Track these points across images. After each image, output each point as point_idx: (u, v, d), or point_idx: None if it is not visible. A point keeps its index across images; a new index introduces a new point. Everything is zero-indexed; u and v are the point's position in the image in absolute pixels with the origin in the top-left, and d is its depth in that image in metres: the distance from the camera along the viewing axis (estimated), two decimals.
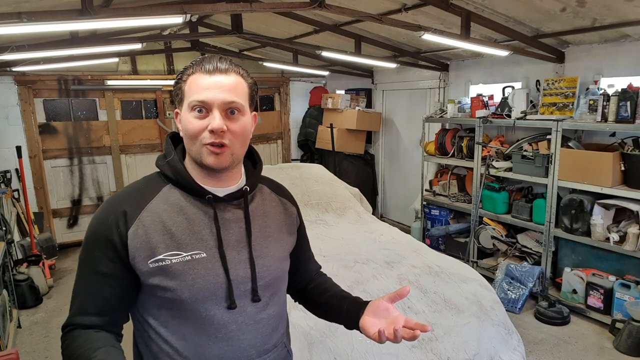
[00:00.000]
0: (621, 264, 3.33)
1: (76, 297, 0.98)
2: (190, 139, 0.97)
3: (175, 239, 0.97)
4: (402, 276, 2.58)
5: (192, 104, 0.95)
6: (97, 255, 0.96)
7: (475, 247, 4.31)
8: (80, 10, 2.28)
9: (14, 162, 4.83)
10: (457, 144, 4.51)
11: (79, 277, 0.99)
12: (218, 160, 0.96)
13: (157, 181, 1.04)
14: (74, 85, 5.22)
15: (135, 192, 1.02)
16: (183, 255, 0.96)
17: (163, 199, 1.00)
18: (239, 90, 0.98)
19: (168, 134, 1.09)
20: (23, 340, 3.37)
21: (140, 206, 0.98)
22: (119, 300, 0.98)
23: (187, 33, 4.64)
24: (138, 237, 0.95)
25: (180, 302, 0.96)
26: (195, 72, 0.97)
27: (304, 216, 3.79)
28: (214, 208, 1.01)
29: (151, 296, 0.98)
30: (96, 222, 0.98)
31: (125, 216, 0.96)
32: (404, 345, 2.09)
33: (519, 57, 3.98)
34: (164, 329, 0.99)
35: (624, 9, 2.86)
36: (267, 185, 1.17)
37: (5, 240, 3.54)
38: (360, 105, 6.05)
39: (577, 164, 3.37)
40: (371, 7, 3.41)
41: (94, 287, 0.96)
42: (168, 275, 0.95)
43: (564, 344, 3.16)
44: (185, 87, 0.98)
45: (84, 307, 0.96)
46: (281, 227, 1.14)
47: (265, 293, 1.06)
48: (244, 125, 1.00)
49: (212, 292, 0.98)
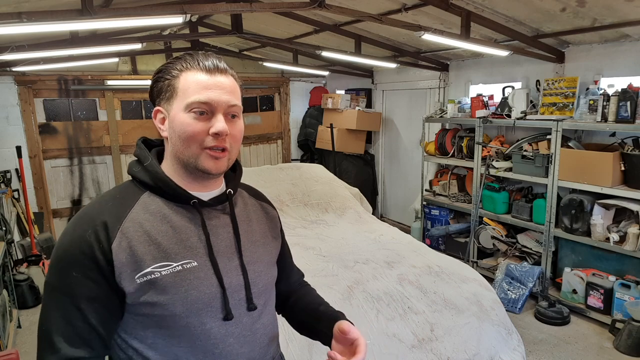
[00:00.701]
0: (621, 264, 3.33)
1: (54, 331, 0.83)
2: (185, 141, 0.89)
3: (162, 249, 0.88)
4: (402, 276, 2.58)
5: (191, 105, 0.88)
6: (74, 277, 0.83)
7: (475, 247, 4.31)
8: (80, 10, 2.28)
9: (14, 162, 4.83)
10: (457, 144, 4.51)
11: (52, 307, 0.84)
12: (217, 165, 0.91)
13: (133, 189, 0.94)
14: (74, 85, 5.22)
15: (112, 202, 0.91)
16: (173, 265, 0.88)
17: (143, 207, 0.90)
18: (237, 93, 0.94)
19: (139, 139, 1.01)
20: (23, 340, 3.37)
21: (120, 217, 0.88)
22: (105, 327, 0.86)
23: (187, 33, 4.64)
24: (122, 250, 0.85)
25: (172, 318, 0.87)
26: (189, 68, 0.90)
27: (304, 216, 3.83)
28: (200, 213, 0.94)
29: (137, 316, 0.87)
30: (70, 240, 0.85)
31: (106, 229, 0.85)
32: (404, 345, 2.10)
33: (519, 57, 3.98)
34: (152, 352, 0.88)
35: (624, 9, 2.86)
36: (245, 190, 1.12)
37: (5, 240, 3.54)
38: (360, 105, 6.05)
39: (577, 164, 3.37)
40: (371, 7, 3.41)
41: (75, 315, 0.83)
42: (157, 290, 0.86)
43: (564, 344, 3.16)
44: (179, 84, 0.90)
45: (69, 339, 0.83)
46: (265, 232, 1.09)
47: (259, 301, 1.00)
48: (242, 130, 0.96)
49: (206, 303, 0.90)
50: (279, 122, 6.94)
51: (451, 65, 4.96)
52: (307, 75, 6.79)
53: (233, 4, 3.01)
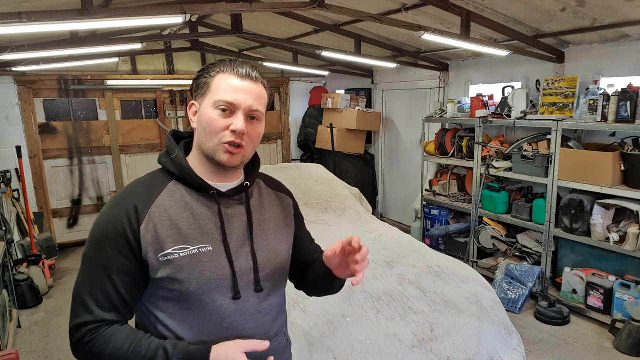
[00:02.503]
0: (621, 264, 3.33)
1: (87, 296, 0.97)
2: (208, 134, 1.01)
3: (182, 233, 1.00)
4: (402, 276, 2.58)
5: (218, 103, 1.00)
6: (109, 252, 0.97)
7: (475, 247, 4.31)
8: (80, 10, 2.29)
9: (14, 162, 4.83)
10: (457, 144, 4.51)
11: (87, 276, 0.98)
12: (231, 159, 1.01)
13: (162, 178, 1.07)
14: (74, 85, 5.22)
15: (142, 188, 1.04)
16: (190, 249, 1.00)
17: (169, 195, 1.03)
18: (262, 100, 1.05)
19: (170, 132, 1.13)
20: (23, 340, 3.37)
21: (149, 202, 1.01)
22: (132, 296, 1.00)
23: (187, 33, 4.64)
24: (149, 232, 0.98)
25: (188, 294, 0.99)
26: (225, 72, 1.02)
27: (304, 216, 3.80)
28: (218, 203, 1.05)
29: (159, 289, 1.00)
30: (107, 219, 0.99)
31: (136, 211, 0.98)
32: (404, 345, 2.10)
33: (519, 57, 3.98)
34: (171, 320, 1.02)
35: (624, 9, 2.86)
36: (263, 180, 1.22)
37: (5, 240, 3.54)
38: (360, 105, 6.05)
39: (577, 164, 3.37)
40: (371, 7, 3.42)
41: (108, 284, 0.97)
42: (176, 269, 0.98)
43: (564, 344, 3.16)
44: (213, 83, 1.02)
45: (101, 304, 0.96)
46: (278, 220, 1.18)
47: (267, 284, 1.10)
48: (260, 132, 1.06)
49: (218, 283, 1.02)
50: (279, 122, 6.94)
51: (451, 65, 4.96)
52: (307, 75, 6.79)
53: (233, 4, 3.01)
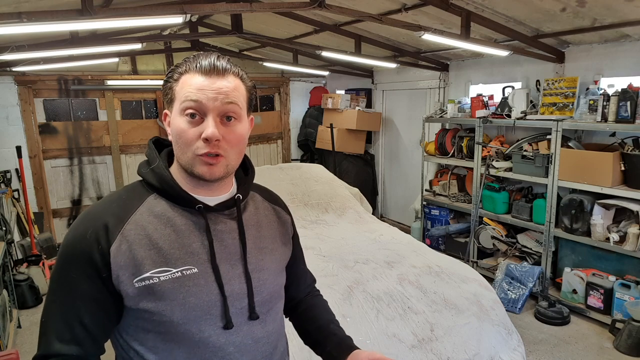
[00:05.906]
0: (621, 264, 3.33)
1: (50, 325, 0.85)
2: (181, 146, 0.88)
3: (162, 253, 0.87)
4: (402, 276, 2.58)
5: (183, 106, 0.86)
6: (74, 275, 0.84)
7: (475, 247, 4.31)
8: (80, 10, 2.28)
9: (14, 162, 4.83)
10: (457, 144, 4.51)
11: (52, 302, 0.86)
12: (211, 171, 0.88)
13: (140, 190, 0.93)
14: (74, 85, 5.22)
15: (116, 203, 0.91)
16: (172, 271, 0.87)
17: (148, 209, 0.90)
18: (236, 94, 0.89)
19: (150, 139, 1.00)
20: (23, 340, 3.37)
21: (122, 219, 0.87)
22: (99, 327, 0.86)
23: (187, 33, 4.64)
24: (121, 253, 0.85)
25: (171, 324, 0.86)
26: (189, 71, 0.88)
27: (304, 216, 3.82)
28: (205, 218, 0.92)
29: (137, 319, 0.87)
30: (72, 238, 0.86)
31: (106, 230, 0.85)
32: (404, 345, 2.10)
33: (519, 57, 3.98)
34: (153, 355, 0.88)
35: (624, 9, 2.86)
36: (259, 193, 1.09)
37: (5, 240, 3.54)
38: (360, 105, 6.05)
39: (577, 164, 3.37)
40: (371, 7, 3.41)
41: (72, 312, 0.84)
42: (156, 295, 0.85)
43: (564, 344, 3.16)
44: (177, 87, 0.88)
45: (61, 335, 0.84)
46: (275, 238, 1.05)
47: (263, 309, 0.97)
48: (241, 133, 0.91)
49: (205, 310, 0.88)
50: (279, 122, 6.94)
51: (451, 65, 4.96)
52: (307, 75, 6.79)
53: (233, 4, 3.01)
